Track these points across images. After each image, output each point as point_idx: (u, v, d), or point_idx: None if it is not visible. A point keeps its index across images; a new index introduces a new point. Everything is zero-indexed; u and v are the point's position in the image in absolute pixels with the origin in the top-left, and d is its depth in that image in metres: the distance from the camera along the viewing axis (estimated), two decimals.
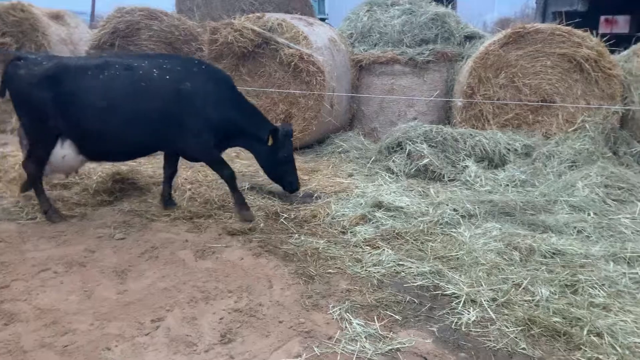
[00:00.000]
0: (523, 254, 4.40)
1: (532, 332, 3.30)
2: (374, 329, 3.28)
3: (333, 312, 3.48)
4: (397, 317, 3.46)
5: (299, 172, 6.50)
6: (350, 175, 6.68)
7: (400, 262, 4.24)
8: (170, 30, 8.62)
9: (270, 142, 5.17)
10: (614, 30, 10.67)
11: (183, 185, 5.84)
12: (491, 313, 3.50)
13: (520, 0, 20.18)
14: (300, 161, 7.12)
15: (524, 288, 3.81)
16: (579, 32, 7.00)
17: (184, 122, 4.82)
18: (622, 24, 11.18)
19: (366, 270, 4.10)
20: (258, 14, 7.86)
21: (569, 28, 7.04)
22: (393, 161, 6.78)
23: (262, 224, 4.96)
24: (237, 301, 3.62)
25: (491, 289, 3.80)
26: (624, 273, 4.08)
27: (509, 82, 7.27)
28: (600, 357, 3.06)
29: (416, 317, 3.49)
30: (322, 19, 19.35)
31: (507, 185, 6.15)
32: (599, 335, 3.27)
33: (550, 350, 3.15)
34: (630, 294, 3.82)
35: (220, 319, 3.40)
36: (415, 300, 3.70)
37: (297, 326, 3.32)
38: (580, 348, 3.14)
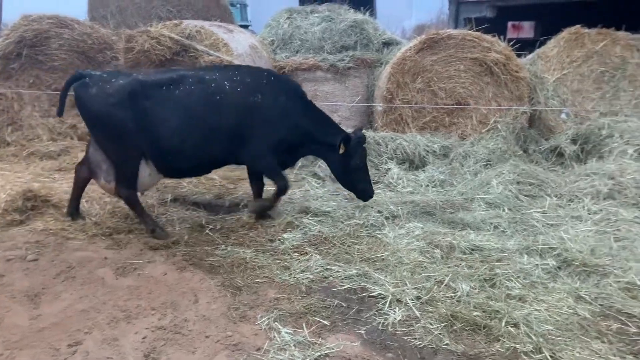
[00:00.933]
0: (444, 251, 4.56)
1: (455, 327, 3.43)
2: (303, 337, 3.27)
3: (261, 322, 3.44)
4: (325, 322, 3.48)
5: (224, 181, 6.41)
6: None
7: (328, 267, 4.27)
8: (83, 38, 8.24)
9: (342, 150, 5.02)
10: (521, 35, 11.35)
11: (102, 200, 5.58)
12: (416, 311, 3.60)
13: (435, 6, 21.00)
14: (226, 169, 7.00)
15: (446, 285, 3.95)
16: (488, 37, 7.38)
17: (253, 134, 4.83)
18: (527, 29, 11.88)
19: (294, 277, 4.09)
20: (175, 21, 7.68)
21: (478, 33, 7.41)
22: (319, 166, 6.84)
23: (186, 237, 4.83)
24: (161, 318, 3.50)
25: (415, 288, 3.90)
26: (537, 265, 4.32)
27: (426, 86, 7.54)
28: (517, 346, 3.22)
29: (344, 320, 3.53)
30: (245, 26, 19.23)
31: (428, 185, 6.36)
32: (516, 325, 3.44)
33: (471, 344, 3.27)
34: (543, 284, 4.05)
35: (143, 338, 3.27)
36: (343, 303, 3.74)
37: (225, 340, 3.25)
38: (499, 339, 3.29)
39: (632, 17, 8.01)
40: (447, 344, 3.25)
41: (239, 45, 7.63)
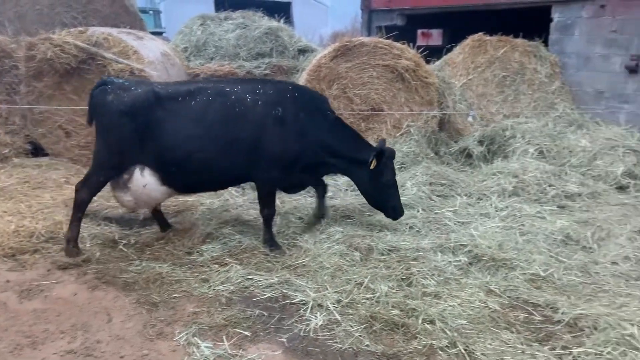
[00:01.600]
0: (363, 253, 4.65)
1: (374, 327, 3.50)
2: (223, 350, 3.21)
3: (179, 338, 3.34)
4: (246, 333, 3.43)
5: None
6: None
7: (249, 277, 4.22)
8: None
9: (373, 165, 4.79)
10: (430, 43, 11.80)
11: (3, 218, 5.19)
12: (337, 315, 3.64)
13: (350, 15, 21.46)
14: None
15: (365, 286, 4.02)
16: (398, 44, 7.64)
17: (267, 149, 4.60)
18: (436, 37, 12.38)
19: (214, 289, 4.00)
20: (81, 28, 7.32)
21: (389, 41, 7.65)
22: None
23: (98, 254, 4.59)
24: (70, 342, 3.30)
25: (336, 291, 3.95)
26: (450, 262, 4.51)
27: (342, 92, 7.67)
28: (434, 342, 3.34)
29: (266, 330, 3.50)
30: (159, 33, 18.71)
31: (347, 189, 6.48)
32: (432, 322, 3.57)
33: (390, 343, 3.36)
34: (456, 280, 4.23)
35: None
36: (265, 313, 3.71)
37: (141, 359, 3.12)
38: (417, 337, 3.40)
39: (528, 25, 8.61)
40: (367, 345, 3.31)
41: (150, 52, 7.40)
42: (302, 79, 7.86)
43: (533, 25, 8.70)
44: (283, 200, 6.02)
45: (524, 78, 8.12)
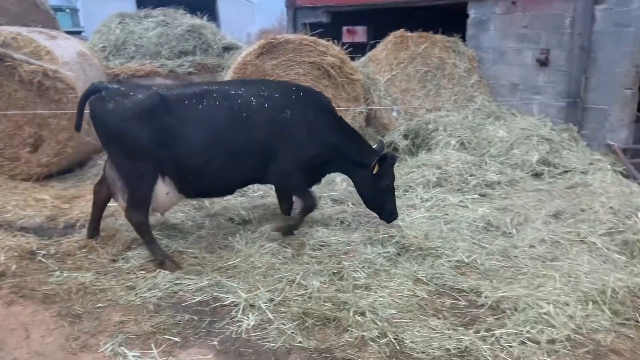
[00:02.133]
0: (295, 250, 4.66)
1: (307, 324, 3.51)
2: (152, 357, 3.12)
3: (105, 349, 3.21)
4: (176, 339, 3.35)
5: (57, 201, 5.88)
6: None
7: (178, 282, 4.11)
8: None
9: (375, 170, 4.75)
10: (355, 40, 11.97)
11: None
12: (269, 314, 3.63)
13: (277, 12, 21.38)
14: (59, 188, 6.43)
15: (297, 283, 4.03)
16: (323, 41, 7.70)
17: (281, 152, 4.59)
18: (361, 33, 12.55)
19: (141, 297, 3.87)
20: None
21: (314, 38, 7.69)
22: None
23: (14, 267, 4.31)
24: None
25: (268, 290, 3.93)
26: (379, 253, 4.61)
27: None
28: (365, 334, 3.40)
29: (196, 334, 3.43)
30: (78, 32, 17.81)
31: None
32: (363, 314, 3.63)
33: (323, 338, 3.39)
34: (386, 271, 4.33)
35: None
36: (195, 317, 3.63)
37: None
38: (348, 330, 3.45)
39: (447, 21, 8.93)
40: (300, 342, 3.33)
41: (65, 52, 7.03)
42: (227, 77, 7.75)
43: (451, 21, 9.04)
44: (212, 201, 5.92)
45: (444, 73, 8.41)
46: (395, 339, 3.36)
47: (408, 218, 5.35)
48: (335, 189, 6.17)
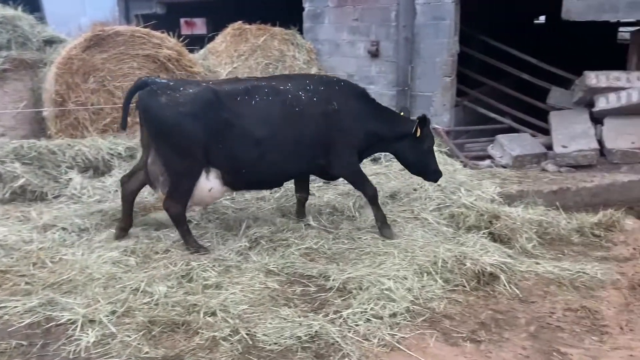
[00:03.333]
0: (140, 257, 4.40)
1: (154, 332, 3.34)
2: None
3: None
4: None
5: None
6: None
7: (2, 305, 3.65)
8: None
9: (419, 133, 4.89)
10: (195, 32, 11.63)
11: None
12: (112, 327, 3.39)
13: (109, 3, 19.95)
14: None
15: (142, 291, 3.81)
16: (158, 33, 7.35)
17: (333, 143, 4.73)
18: (200, 25, 12.24)
19: None
20: None
21: (147, 30, 7.31)
22: None
23: None
24: None
25: (109, 302, 3.66)
26: (231, 249, 4.56)
27: (100, 86, 7.11)
28: (216, 334, 3.33)
29: None
30: None
31: (117, 190, 6.01)
32: (214, 314, 3.55)
33: (172, 345, 3.25)
34: (237, 267, 4.29)
35: None
36: (24, 342, 3.27)
37: None
38: (198, 332, 3.35)
39: (286, 14, 9.05)
40: (147, 352, 3.15)
41: None
42: (51, 73, 7.06)
43: (290, 13, 9.18)
44: (41, 211, 5.35)
45: (285, 65, 8.52)
46: (247, 334, 3.34)
47: (258, 211, 5.36)
48: None
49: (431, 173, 5.27)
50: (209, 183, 4.50)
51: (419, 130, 4.97)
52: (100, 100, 7.10)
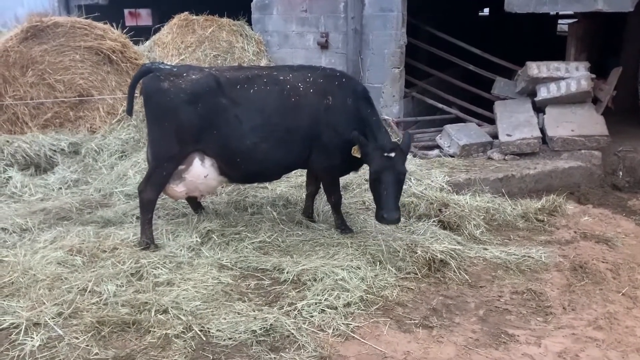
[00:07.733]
0: (86, 256, 4.26)
1: (103, 333, 3.25)
2: None
3: None
4: None
5: None
6: None
7: None
8: None
9: (355, 152, 4.45)
10: (140, 23, 11.29)
11: None
12: (58, 330, 3.28)
13: None
14: None
15: (90, 291, 3.70)
16: (100, 24, 7.09)
17: (319, 138, 4.58)
18: (145, 17, 11.90)
19: None
20: None
21: (89, 21, 7.04)
22: None
23: None
24: None
25: (55, 304, 3.54)
26: (182, 245, 4.47)
27: (40, 79, 6.80)
28: (168, 332, 3.27)
29: None
30: None
31: (60, 188, 5.84)
32: (165, 311, 3.49)
33: (122, 345, 3.17)
34: (189, 263, 4.22)
35: None
36: None
37: None
38: (150, 331, 3.28)
39: (233, 4, 8.90)
40: (96, 354, 3.06)
41: None
42: None
43: (238, 4, 9.03)
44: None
45: (234, 56, 8.38)
46: (201, 330, 3.30)
47: (211, 205, 5.28)
48: (129, 183, 5.79)
49: (377, 210, 4.36)
50: (204, 170, 4.50)
51: (357, 150, 4.45)
52: (41, 94, 6.80)
